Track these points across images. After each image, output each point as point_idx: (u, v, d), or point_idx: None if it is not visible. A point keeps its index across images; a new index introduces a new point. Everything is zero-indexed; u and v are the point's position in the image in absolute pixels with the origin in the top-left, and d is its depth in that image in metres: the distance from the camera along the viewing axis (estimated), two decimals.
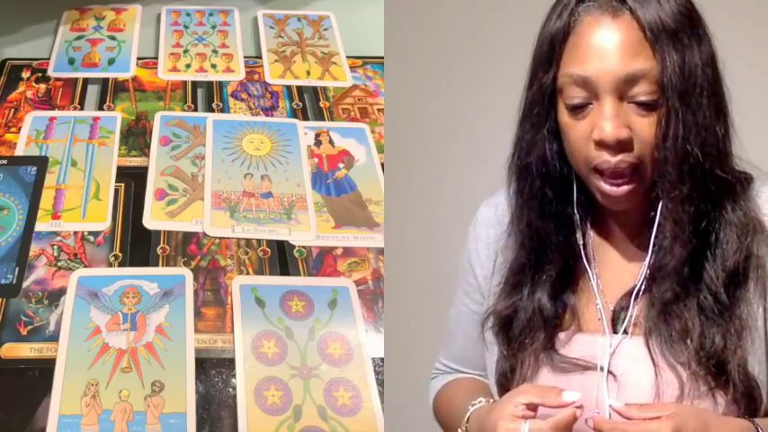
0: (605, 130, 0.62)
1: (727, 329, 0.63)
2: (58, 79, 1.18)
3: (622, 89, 0.62)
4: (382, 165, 1.06)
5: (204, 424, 0.76)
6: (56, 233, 0.94)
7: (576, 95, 0.63)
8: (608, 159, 0.63)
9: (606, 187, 0.64)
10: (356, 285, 0.90)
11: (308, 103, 1.17)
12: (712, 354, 0.63)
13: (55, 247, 0.92)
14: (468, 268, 0.77)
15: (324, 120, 1.13)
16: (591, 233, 0.70)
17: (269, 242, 0.94)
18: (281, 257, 0.93)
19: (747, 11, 0.99)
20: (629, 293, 0.67)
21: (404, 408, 0.83)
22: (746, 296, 0.64)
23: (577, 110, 0.64)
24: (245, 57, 1.25)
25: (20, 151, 1.05)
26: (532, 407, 0.62)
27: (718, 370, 0.62)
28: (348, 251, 0.94)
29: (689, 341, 0.63)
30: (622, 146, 0.62)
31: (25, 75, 1.19)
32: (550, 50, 0.65)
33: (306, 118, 1.14)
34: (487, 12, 1.15)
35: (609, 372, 0.65)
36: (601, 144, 0.63)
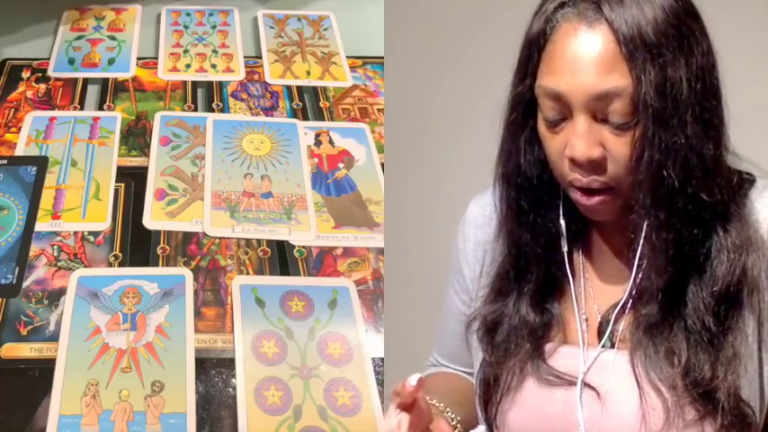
0: (576, 148, 0.59)
1: (716, 358, 0.60)
2: (58, 79, 1.18)
3: (595, 106, 0.59)
4: (382, 165, 1.06)
5: (204, 424, 0.76)
6: (56, 233, 0.94)
7: (549, 109, 0.61)
8: (579, 178, 0.61)
9: (579, 198, 0.62)
10: (356, 285, 0.90)
11: (308, 103, 1.17)
12: (700, 382, 0.60)
13: (55, 247, 0.92)
14: (457, 268, 0.76)
15: (324, 120, 1.13)
16: (579, 240, 0.68)
17: (269, 242, 0.94)
18: (281, 257, 0.93)
19: (748, 7, 0.99)
20: (616, 306, 0.65)
21: None
22: (740, 322, 0.61)
23: (553, 124, 0.61)
24: (245, 57, 1.25)
25: (20, 151, 1.05)
26: (402, 406, 0.59)
27: (705, 398, 0.60)
28: (348, 251, 0.94)
29: (675, 362, 0.61)
30: (595, 164, 0.60)
31: (25, 75, 1.19)
32: (527, 58, 0.62)
33: (306, 118, 1.14)
34: (487, 12, 1.15)
35: (593, 389, 0.64)
36: (573, 161, 0.60)
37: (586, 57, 0.58)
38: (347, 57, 1.26)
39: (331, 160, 1.06)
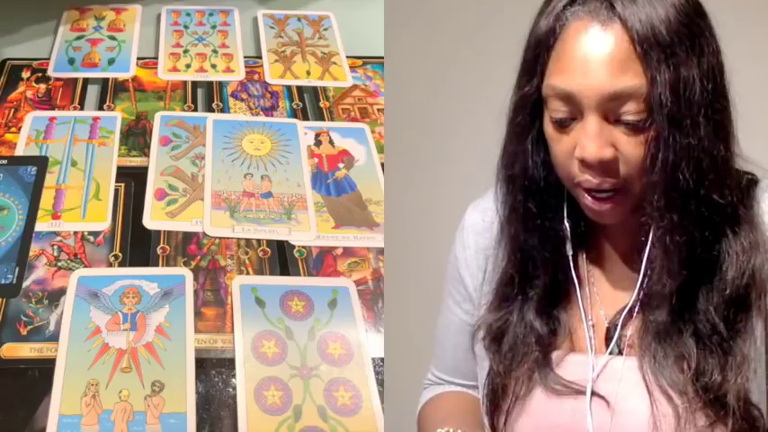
0: (587, 149, 0.58)
1: (726, 362, 0.59)
2: (58, 79, 1.18)
3: (608, 107, 0.57)
4: (382, 165, 1.06)
5: (204, 424, 0.76)
6: (56, 233, 0.94)
7: (559, 109, 0.59)
8: (590, 179, 0.59)
9: (589, 202, 0.61)
10: (356, 285, 0.90)
11: (308, 103, 1.17)
12: (710, 387, 0.59)
13: (55, 247, 0.92)
14: (457, 277, 0.75)
15: (324, 120, 1.13)
16: (585, 245, 0.67)
17: (269, 242, 0.94)
18: (281, 257, 0.93)
19: (748, 6, 0.99)
20: (623, 311, 0.64)
21: (404, 408, 0.83)
22: (748, 325, 0.60)
23: (561, 124, 0.60)
24: (245, 57, 1.25)
25: (20, 151, 1.05)
26: None
27: (716, 403, 0.59)
28: (348, 251, 0.94)
29: (685, 367, 0.60)
30: (606, 166, 0.59)
31: (25, 75, 1.19)
32: (535, 57, 0.61)
33: (306, 118, 1.14)
34: (488, 12, 1.15)
35: (602, 398, 0.63)
36: (583, 163, 0.59)
37: (599, 56, 0.57)
38: (347, 57, 1.26)
39: (331, 160, 1.06)
